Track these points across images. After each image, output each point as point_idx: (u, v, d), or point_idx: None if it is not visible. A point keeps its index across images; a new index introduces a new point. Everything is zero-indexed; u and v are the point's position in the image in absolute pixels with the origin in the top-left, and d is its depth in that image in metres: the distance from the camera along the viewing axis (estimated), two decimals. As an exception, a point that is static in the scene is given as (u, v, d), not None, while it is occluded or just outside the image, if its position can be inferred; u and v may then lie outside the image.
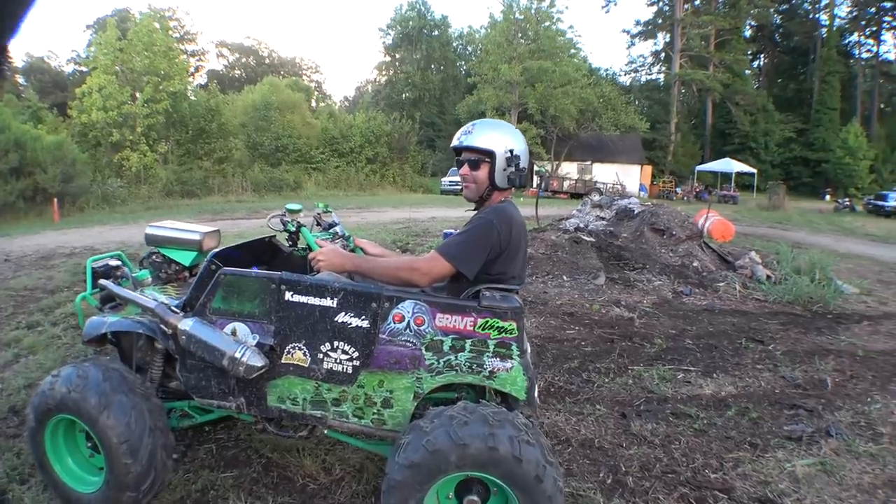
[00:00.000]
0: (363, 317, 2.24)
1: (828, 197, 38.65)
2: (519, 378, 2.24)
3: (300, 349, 2.30)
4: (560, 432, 3.49)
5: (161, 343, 2.49)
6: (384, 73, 55.85)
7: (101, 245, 10.19)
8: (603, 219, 9.28)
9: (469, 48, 56.10)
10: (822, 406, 4.13)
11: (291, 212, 2.78)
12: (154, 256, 2.94)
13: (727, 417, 3.86)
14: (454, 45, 56.18)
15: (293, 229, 2.78)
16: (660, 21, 52.79)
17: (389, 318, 2.23)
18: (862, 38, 51.81)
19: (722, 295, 7.49)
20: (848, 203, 31.26)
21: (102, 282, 2.67)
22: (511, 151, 2.38)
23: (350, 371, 2.27)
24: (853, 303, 7.66)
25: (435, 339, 2.23)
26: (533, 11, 38.37)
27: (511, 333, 2.22)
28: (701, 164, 40.40)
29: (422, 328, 2.22)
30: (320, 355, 2.28)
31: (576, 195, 31.08)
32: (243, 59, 62.18)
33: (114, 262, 2.81)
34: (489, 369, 2.23)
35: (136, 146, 24.74)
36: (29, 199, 17.57)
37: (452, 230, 9.30)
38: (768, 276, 8.29)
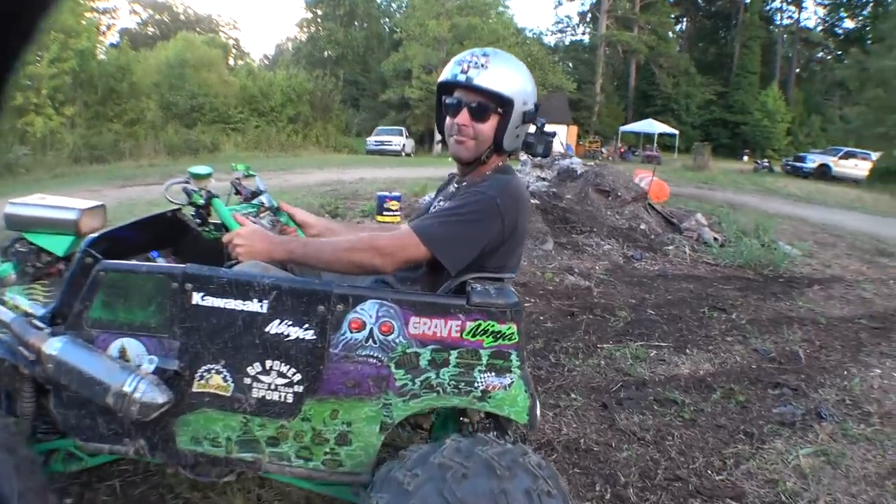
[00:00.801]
0: (306, 325, 1.63)
1: (746, 158, 39.73)
2: (520, 397, 1.68)
3: (219, 373, 1.67)
4: (539, 432, 2.99)
5: (27, 369, 1.79)
6: (305, 29, 53.59)
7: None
8: (544, 179, 8.80)
9: (394, 5, 54.43)
10: (805, 383, 3.92)
11: (197, 177, 1.99)
12: (18, 244, 2.18)
13: (713, 402, 3.55)
14: (378, 1, 54.35)
15: (201, 201, 1.98)
16: (587, -20, 52.67)
17: (344, 325, 1.63)
18: (784, 4, 53.25)
19: (672, 259, 7.24)
20: (767, 164, 32.15)
21: None
22: (534, 106, 1.82)
23: (291, 400, 1.66)
24: (799, 265, 7.63)
25: (408, 351, 1.63)
26: (462, -34, 37.31)
27: (510, 339, 1.65)
28: (624, 124, 40.72)
29: (390, 338, 1.63)
30: (247, 380, 1.65)
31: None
32: (157, 16, 58.54)
33: None
34: (482, 388, 1.66)
35: (41, 110, 22.72)
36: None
37: (386, 192, 8.75)
38: (715, 239, 8.11)
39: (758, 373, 4.04)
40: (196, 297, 1.65)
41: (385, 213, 8.18)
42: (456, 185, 1.99)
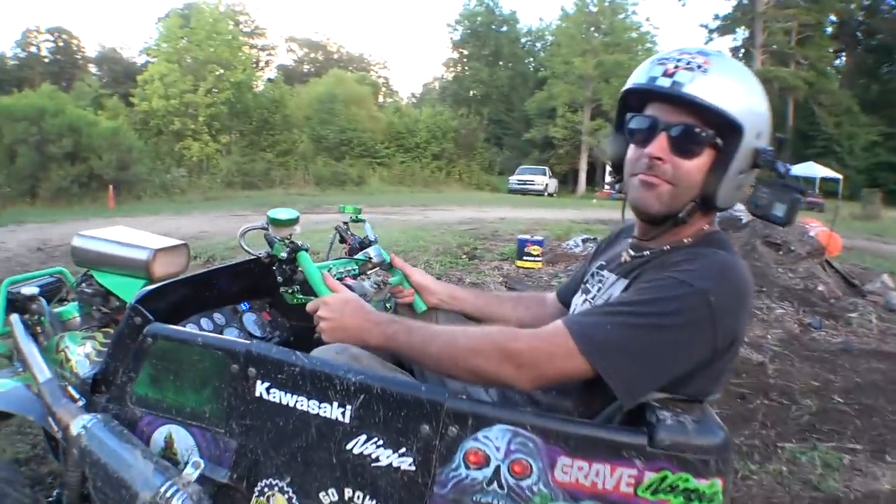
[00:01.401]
0: (404, 449, 1.12)
1: (919, 205, 35.67)
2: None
3: (283, 492, 1.21)
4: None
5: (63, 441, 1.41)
6: (451, 69, 54.90)
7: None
8: (701, 229, 7.90)
9: (538, 44, 54.49)
10: None
11: (277, 223, 1.46)
12: (85, 283, 1.84)
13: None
14: (522, 41, 54.61)
15: (283, 254, 1.46)
16: (739, 15, 49.63)
17: (457, 456, 1.09)
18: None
19: (856, 329, 6.10)
20: (942, 213, 28.63)
21: (13, 318, 1.64)
22: (768, 142, 1.23)
23: (375, 548, 1.14)
24: None
25: (551, 505, 1.07)
26: (607, 3, 36.65)
27: (711, 501, 1.04)
28: (782, 168, 37.81)
29: (524, 483, 1.07)
30: None
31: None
32: (312, 54, 62.56)
33: (30, 290, 1.75)
34: (660, 570, 1.06)
35: (198, 136, 24.49)
36: (84, 185, 17.39)
37: (527, 236, 8.19)
38: (905, 305, 6.85)
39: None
40: (260, 388, 1.21)
41: (525, 257, 7.61)
42: (633, 254, 1.37)
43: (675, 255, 1.23)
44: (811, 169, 33.65)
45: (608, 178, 26.16)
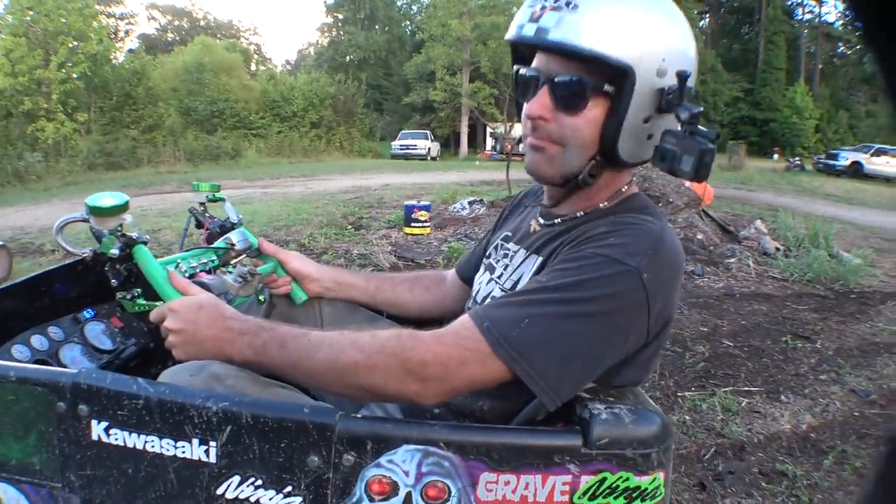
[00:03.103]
0: (290, 488, 0.89)
1: (776, 156, 38.66)
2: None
3: None
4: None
5: None
6: (326, 34, 53.46)
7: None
8: (584, 184, 8.02)
9: (414, 7, 53.96)
10: None
11: (99, 212, 1.14)
12: None
13: (826, 471, 2.81)
14: (399, 4, 54.00)
15: (115, 252, 1.14)
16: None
17: (358, 489, 0.88)
18: (804, -2, 51.82)
19: (736, 274, 6.41)
20: (799, 162, 31.26)
21: None
22: (680, 77, 0.99)
23: None
24: (865, 277, 6.77)
25: (475, 533, 0.89)
26: (483, -38, 36.60)
27: (653, 498, 0.90)
28: (652, 123, 39.81)
29: (442, 510, 0.88)
30: None
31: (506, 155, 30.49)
32: (176, 22, 58.81)
33: None
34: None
35: (53, 115, 22.41)
36: (-76, 179, 15.48)
37: (413, 202, 7.99)
38: (777, 249, 7.27)
39: (863, 423, 3.34)
40: (97, 429, 0.94)
41: (413, 224, 7.44)
42: (543, 223, 1.18)
43: (595, 224, 1.04)
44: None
45: (489, 140, 26.36)
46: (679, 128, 0.99)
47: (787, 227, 8.06)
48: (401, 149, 30.47)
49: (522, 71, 1.07)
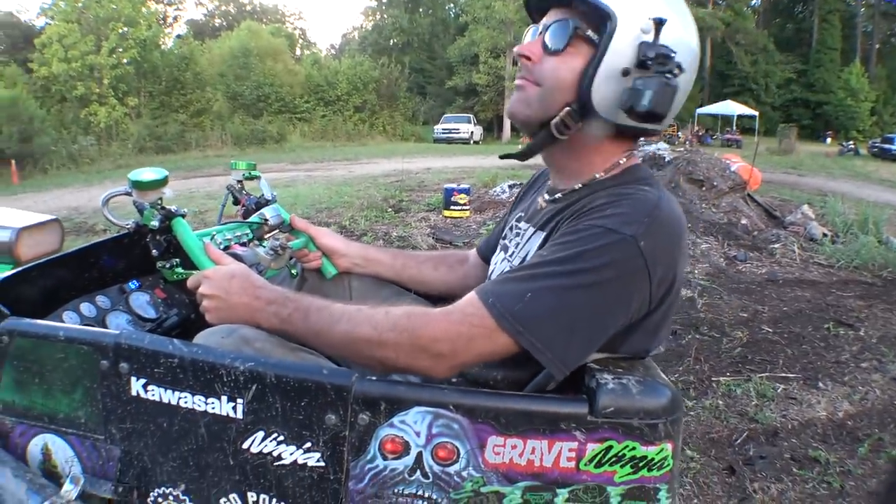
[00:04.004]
0: (309, 444, 0.95)
1: (829, 140, 37.48)
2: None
3: (179, 501, 1.03)
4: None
5: None
6: (371, 18, 53.64)
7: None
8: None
9: (459, -11, 53.52)
10: None
11: (141, 186, 1.22)
12: None
13: (861, 458, 2.76)
14: (443, -15, 53.56)
15: (155, 223, 1.22)
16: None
17: (372, 447, 0.93)
18: (861, -25, 49.92)
19: (780, 259, 6.29)
20: (853, 146, 30.37)
21: None
22: (657, 24, 0.99)
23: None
24: (917, 265, 6.57)
25: (484, 491, 0.93)
26: (528, -57, 36.18)
27: (661, 468, 0.93)
28: (700, 106, 38.80)
29: (452, 469, 0.93)
30: None
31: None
32: (223, 7, 59.74)
33: None
34: (609, 551, 0.94)
35: (105, 100, 23.06)
36: (-17, 161, 16.11)
37: (453, 185, 8.05)
38: (824, 235, 7.10)
39: (902, 411, 3.26)
40: (136, 385, 1.01)
41: (452, 207, 7.51)
42: (548, 198, 1.20)
43: (593, 197, 1.06)
44: (728, 107, 34.70)
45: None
46: (655, 85, 0.98)
47: (835, 213, 7.87)
48: (443, 133, 30.37)
49: (531, 28, 1.14)
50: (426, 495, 0.94)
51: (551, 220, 1.12)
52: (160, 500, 1.04)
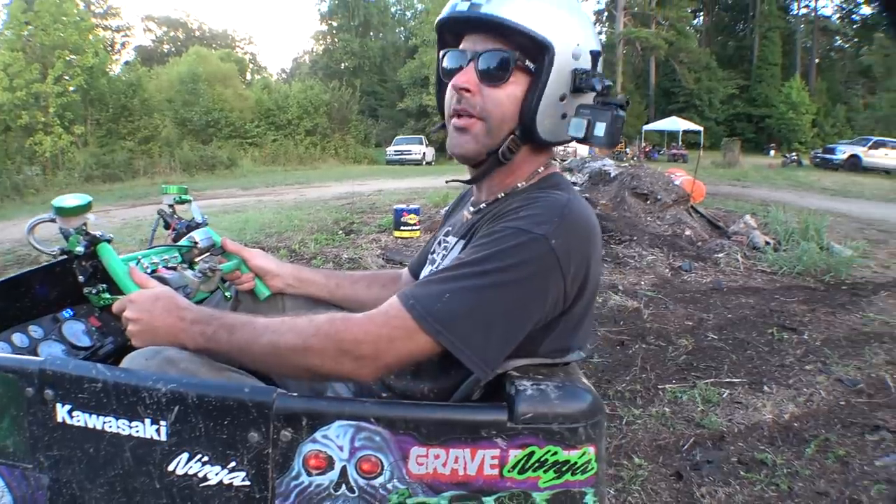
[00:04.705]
0: (233, 464, 0.95)
1: (772, 152, 38.76)
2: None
3: None
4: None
5: None
6: (321, 42, 53.56)
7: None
8: (575, 184, 8.06)
9: (408, 13, 54.07)
10: None
11: (65, 212, 1.23)
12: None
13: (808, 459, 2.81)
14: (392, 10, 54.09)
15: (80, 249, 1.24)
16: (602, -21, 51.74)
17: (296, 463, 0.94)
18: (801, -8, 52.01)
19: (724, 268, 6.46)
20: (795, 157, 31.43)
21: None
22: (593, 55, 1.10)
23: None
24: (857, 268, 6.82)
25: (408, 502, 0.94)
26: (476, -31, 36.87)
27: (584, 472, 0.95)
28: (647, 123, 39.89)
29: (377, 482, 0.93)
30: None
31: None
32: (172, 33, 59.02)
33: None
34: (537, 556, 0.96)
35: (50, 129, 22.52)
36: (-78, 196, 15.55)
37: (403, 205, 8.06)
38: (767, 243, 7.33)
39: (849, 412, 3.34)
40: (61, 412, 1.00)
41: (403, 227, 7.54)
42: (472, 210, 1.26)
43: (510, 201, 1.12)
44: (674, 123, 35.93)
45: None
46: (592, 101, 1.08)
47: (777, 221, 8.10)
48: (396, 154, 30.34)
49: (450, 54, 1.15)
50: (353, 510, 0.95)
51: (472, 228, 1.16)
52: None
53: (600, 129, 1.04)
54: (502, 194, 1.17)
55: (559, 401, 0.95)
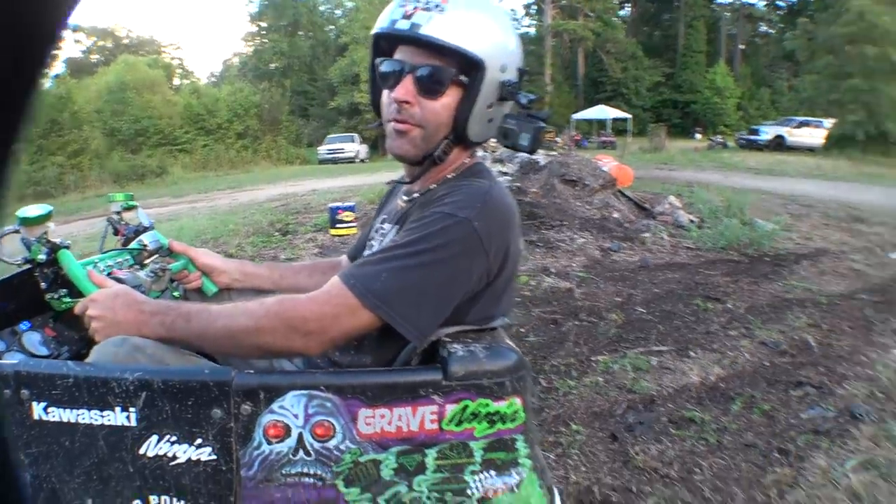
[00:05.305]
0: (200, 440, 1.06)
1: (698, 136, 40.14)
2: (534, 497, 1.13)
3: None
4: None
5: None
6: (250, 43, 52.49)
7: None
8: (506, 174, 8.27)
9: (338, 11, 53.42)
10: (826, 377, 3.51)
11: (28, 222, 1.34)
12: None
13: (735, 415, 3.07)
14: (322, 9, 53.37)
15: (42, 257, 1.33)
16: (529, -28, 52.40)
17: (257, 434, 1.05)
18: (724, -20, 53.76)
19: (651, 247, 6.81)
20: (721, 140, 32.52)
21: None
22: (517, 73, 1.26)
23: (194, 549, 1.08)
24: (780, 241, 7.30)
25: (362, 460, 1.07)
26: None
27: (513, 420, 1.10)
28: (576, 112, 40.69)
29: (331, 444, 1.06)
30: None
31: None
32: (101, 43, 56.81)
33: None
34: (478, 495, 1.11)
35: (-22, 150, 21.54)
36: None
37: (338, 203, 8.12)
38: (691, 221, 7.73)
39: (773, 371, 3.63)
40: (37, 410, 1.08)
41: (338, 225, 7.59)
42: (406, 198, 1.40)
43: (438, 190, 1.27)
44: (602, 112, 36.85)
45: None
46: (517, 112, 1.24)
47: (701, 200, 8.53)
48: (328, 153, 29.96)
49: (386, 62, 1.26)
50: (311, 472, 1.07)
51: (405, 214, 1.31)
52: None
53: (525, 138, 1.23)
54: (433, 185, 1.31)
55: (487, 360, 1.10)
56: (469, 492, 1.10)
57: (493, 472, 1.11)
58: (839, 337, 4.18)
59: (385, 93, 1.26)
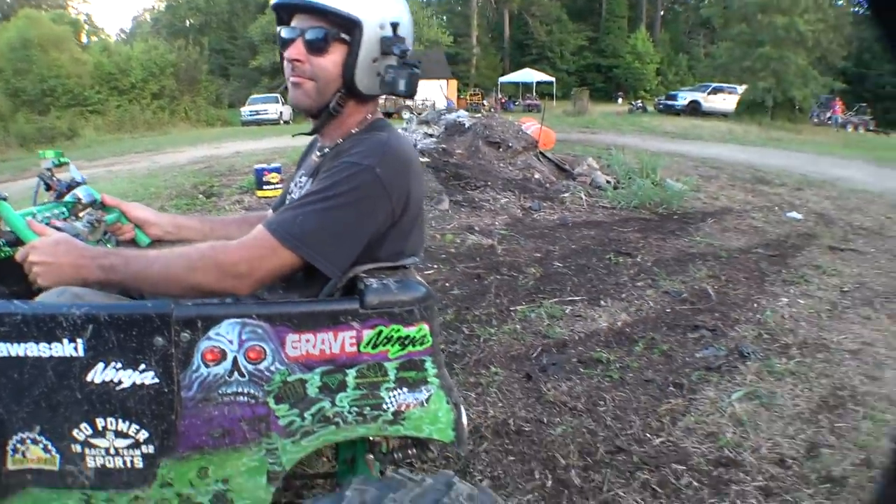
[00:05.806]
0: (143, 366, 1.18)
1: (620, 100, 41.00)
2: (441, 411, 1.31)
3: (36, 442, 1.20)
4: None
5: None
6: (163, -2, 50.16)
7: None
8: (432, 135, 8.41)
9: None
10: (721, 322, 3.88)
11: None
12: None
13: (637, 355, 3.40)
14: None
15: None
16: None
17: (196, 358, 1.19)
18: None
19: (570, 206, 7.12)
20: (641, 105, 33.35)
21: None
22: (394, 25, 1.36)
23: (141, 464, 1.22)
24: (689, 200, 7.76)
25: (289, 380, 1.22)
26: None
27: (422, 344, 1.27)
28: (503, 75, 40.94)
29: (262, 366, 1.21)
30: (77, 447, 1.20)
31: (385, 114, 30.23)
32: (-2, -4, 52.77)
33: None
34: (393, 409, 1.28)
35: None
36: None
37: (264, 165, 8.08)
38: (608, 182, 8.07)
39: (673, 316, 3.97)
40: (-18, 344, 1.17)
41: (265, 186, 7.59)
42: (319, 154, 1.52)
43: (345, 143, 1.42)
44: (528, 75, 37.12)
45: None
46: (395, 63, 1.37)
47: (617, 162, 8.87)
48: (251, 115, 29.08)
49: (285, 30, 1.41)
50: (245, 391, 1.22)
51: (318, 167, 1.45)
52: (18, 445, 1.20)
53: (402, 84, 1.36)
54: (341, 140, 1.46)
55: (398, 291, 1.26)
56: (385, 406, 1.27)
57: (405, 389, 1.28)
58: (735, 286, 4.57)
59: (285, 56, 1.40)
